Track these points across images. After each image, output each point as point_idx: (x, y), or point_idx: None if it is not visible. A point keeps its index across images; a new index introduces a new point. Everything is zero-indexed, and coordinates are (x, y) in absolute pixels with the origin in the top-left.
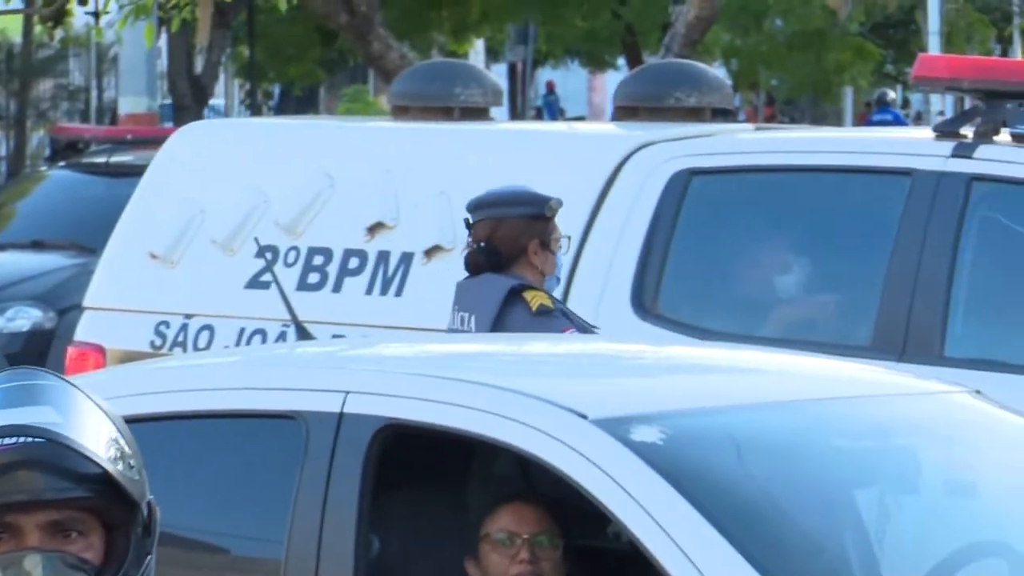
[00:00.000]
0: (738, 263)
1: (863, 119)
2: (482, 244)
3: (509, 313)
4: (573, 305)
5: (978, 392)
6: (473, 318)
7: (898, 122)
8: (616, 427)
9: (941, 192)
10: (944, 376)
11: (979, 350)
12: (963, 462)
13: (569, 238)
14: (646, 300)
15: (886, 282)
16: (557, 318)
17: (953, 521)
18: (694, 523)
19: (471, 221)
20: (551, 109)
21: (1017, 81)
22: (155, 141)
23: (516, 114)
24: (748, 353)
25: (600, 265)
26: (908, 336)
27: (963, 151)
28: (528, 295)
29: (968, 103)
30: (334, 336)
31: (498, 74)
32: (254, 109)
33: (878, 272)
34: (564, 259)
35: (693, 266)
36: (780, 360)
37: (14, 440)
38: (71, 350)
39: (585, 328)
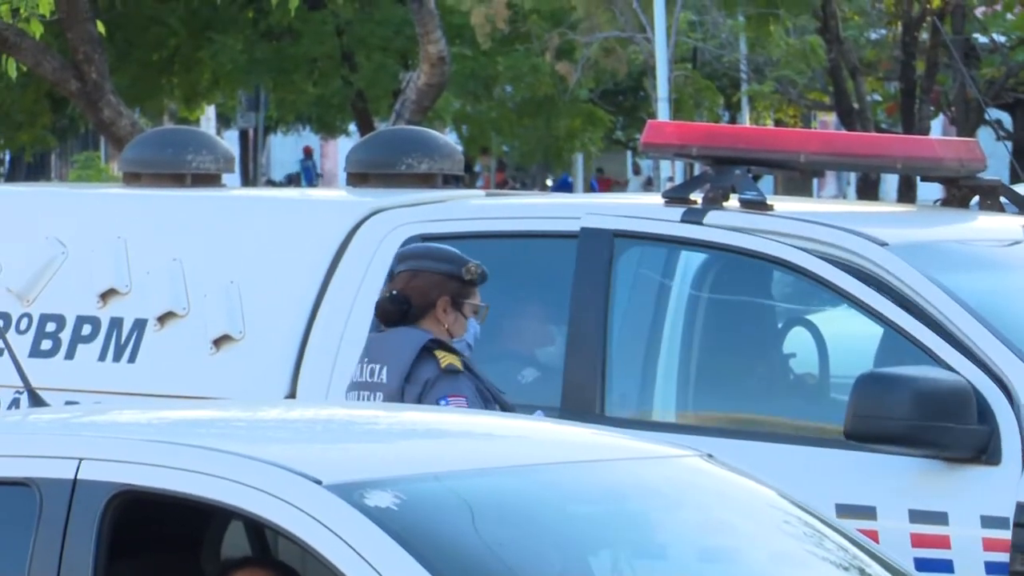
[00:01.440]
0: (494, 326)
1: (600, 185)
2: (395, 293)
3: (419, 368)
4: (307, 371)
5: (710, 456)
6: (385, 369)
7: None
8: (350, 492)
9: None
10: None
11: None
12: (695, 526)
13: (487, 306)
14: None
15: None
16: (463, 380)
17: None
18: None
19: (394, 272)
20: (308, 174)
21: (744, 147)
22: None
23: (248, 180)
24: (483, 417)
25: (334, 330)
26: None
27: (694, 216)
28: (439, 353)
29: (698, 169)
30: (67, 403)
31: (230, 140)
32: None
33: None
34: (478, 328)
35: None
36: (515, 424)
37: None
38: None
39: (494, 393)
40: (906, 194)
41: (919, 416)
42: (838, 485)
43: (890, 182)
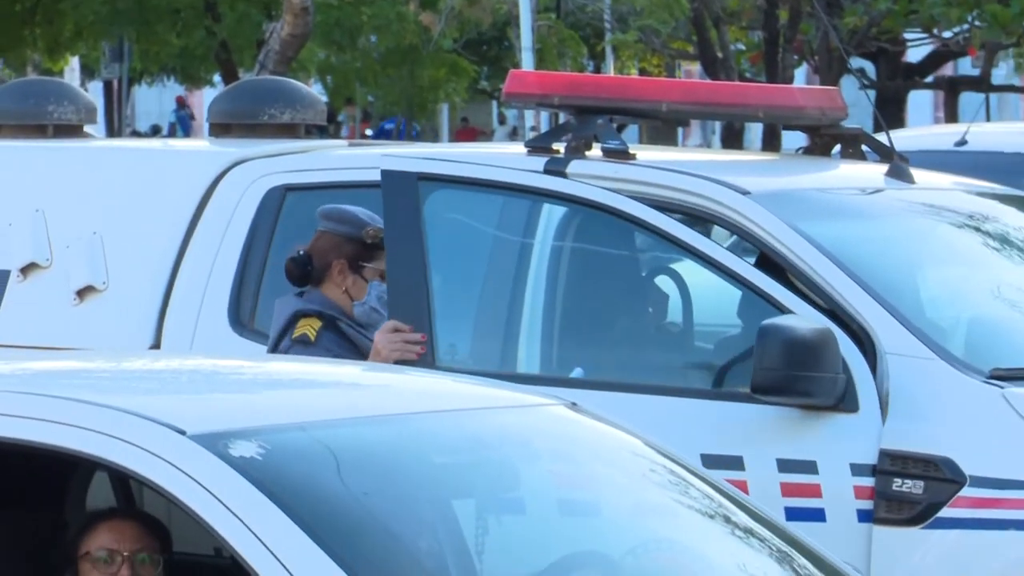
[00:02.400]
0: None
1: (461, 136)
2: (300, 252)
3: (284, 338)
4: (171, 322)
5: (574, 404)
6: (268, 339)
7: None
8: (215, 442)
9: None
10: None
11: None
12: (560, 474)
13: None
14: (243, 316)
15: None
16: (314, 350)
17: (552, 533)
18: (293, 537)
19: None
20: (184, 123)
21: (606, 97)
22: None
23: (113, 131)
24: (348, 368)
25: (198, 281)
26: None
27: (556, 166)
28: (301, 322)
29: (563, 119)
30: None
31: (94, 92)
32: None
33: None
34: (383, 290)
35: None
36: (379, 375)
37: None
38: None
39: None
40: (770, 143)
41: (792, 366)
42: (704, 436)
43: (755, 131)
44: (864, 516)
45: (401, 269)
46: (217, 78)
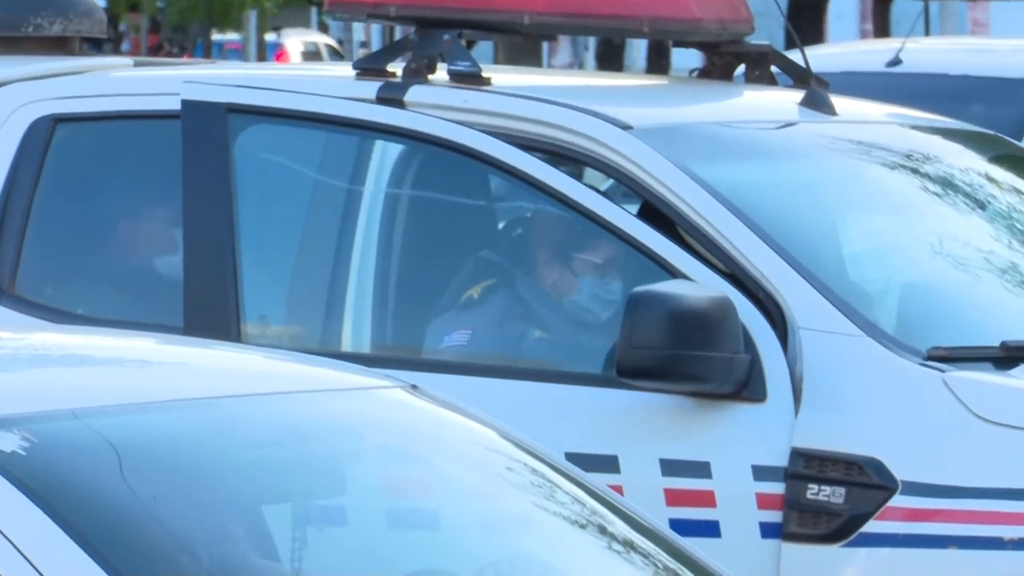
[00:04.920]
0: (114, 232)
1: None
2: None
3: None
4: None
5: (415, 388)
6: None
7: None
8: None
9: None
10: None
11: None
12: (396, 475)
13: None
14: (2, 279)
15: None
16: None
17: (386, 547)
18: (63, 550)
19: None
20: None
21: (455, 6)
22: None
23: None
24: (134, 341)
25: None
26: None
27: (391, 93)
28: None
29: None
30: None
31: None
32: None
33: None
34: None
35: (60, 237)
36: (174, 351)
37: None
38: None
39: None
40: (657, 63)
41: (674, 344)
42: (570, 430)
43: (639, 49)
44: (770, 530)
45: (202, 222)
46: None
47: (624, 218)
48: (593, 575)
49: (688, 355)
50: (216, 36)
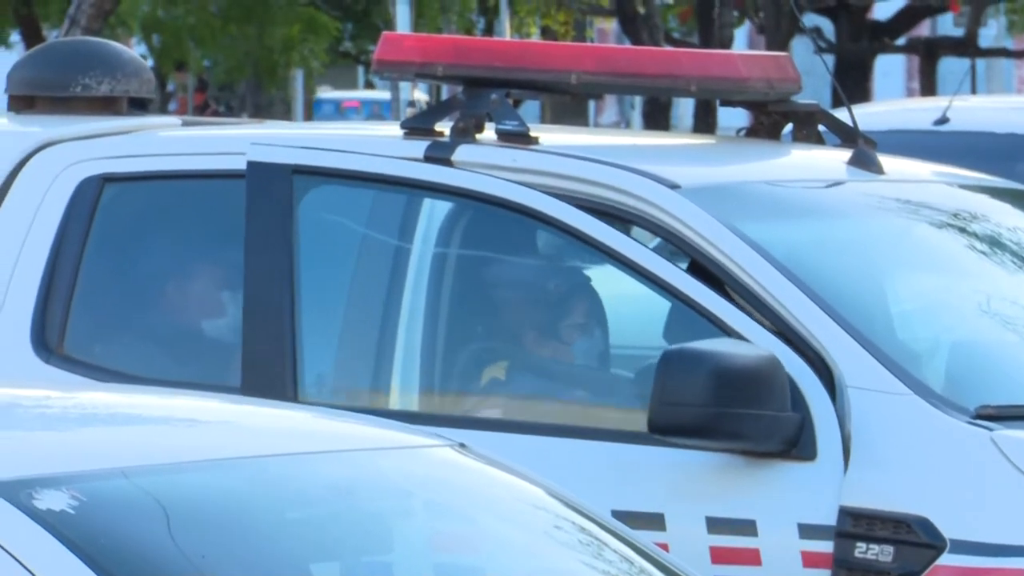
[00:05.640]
0: (163, 292)
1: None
2: None
3: None
4: None
5: (463, 446)
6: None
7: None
8: (16, 492)
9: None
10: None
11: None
12: (444, 532)
13: None
14: (50, 338)
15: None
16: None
17: None
18: None
19: None
20: None
21: (502, 65)
22: None
23: None
24: (181, 400)
25: None
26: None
27: (440, 151)
28: None
29: (446, 93)
30: None
31: None
32: None
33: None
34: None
35: (108, 296)
36: (221, 408)
37: None
38: None
39: None
40: (704, 122)
41: (715, 402)
42: (618, 487)
43: (686, 107)
44: None
45: (263, 283)
46: (16, 37)
47: (677, 275)
48: None
49: (731, 413)
50: (327, 94)
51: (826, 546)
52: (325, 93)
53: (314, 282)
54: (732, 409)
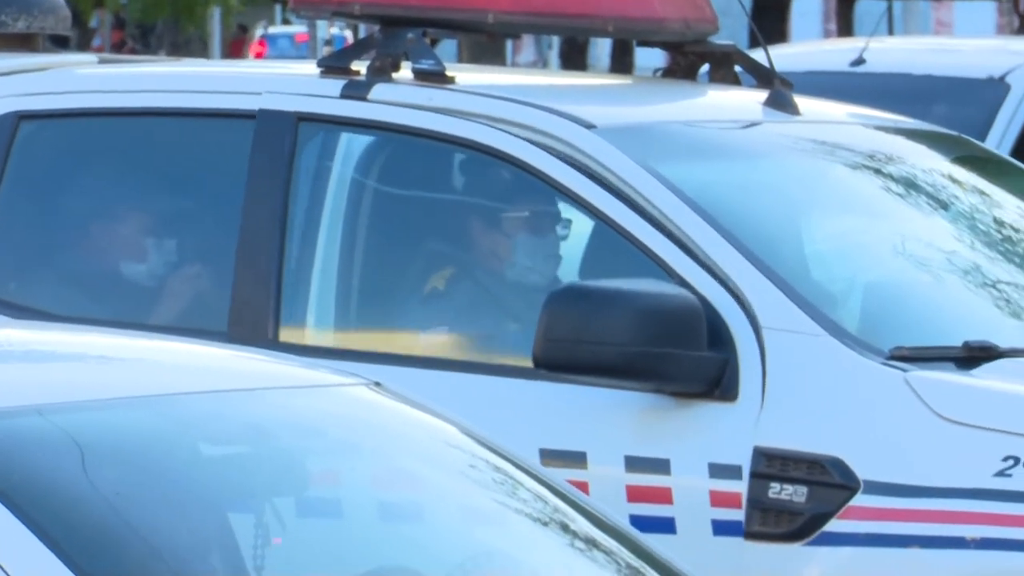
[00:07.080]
0: (78, 229)
1: (238, 48)
2: None
3: None
4: None
5: (377, 384)
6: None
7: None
8: None
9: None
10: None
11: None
12: (361, 472)
13: None
14: None
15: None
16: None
17: (352, 546)
18: (26, 546)
19: None
20: None
21: (418, 5)
22: None
23: None
24: (93, 337)
25: None
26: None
27: (355, 90)
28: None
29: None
30: None
31: None
32: None
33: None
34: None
35: (22, 233)
36: (134, 345)
37: None
38: None
39: None
40: (621, 62)
41: (633, 340)
42: (540, 425)
43: (602, 47)
44: (723, 528)
45: (260, 226)
46: None
47: (611, 203)
48: (556, 573)
49: (649, 352)
50: (277, 29)
51: (737, 486)
52: (275, 28)
53: (303, 228)
54: (645, 348)
